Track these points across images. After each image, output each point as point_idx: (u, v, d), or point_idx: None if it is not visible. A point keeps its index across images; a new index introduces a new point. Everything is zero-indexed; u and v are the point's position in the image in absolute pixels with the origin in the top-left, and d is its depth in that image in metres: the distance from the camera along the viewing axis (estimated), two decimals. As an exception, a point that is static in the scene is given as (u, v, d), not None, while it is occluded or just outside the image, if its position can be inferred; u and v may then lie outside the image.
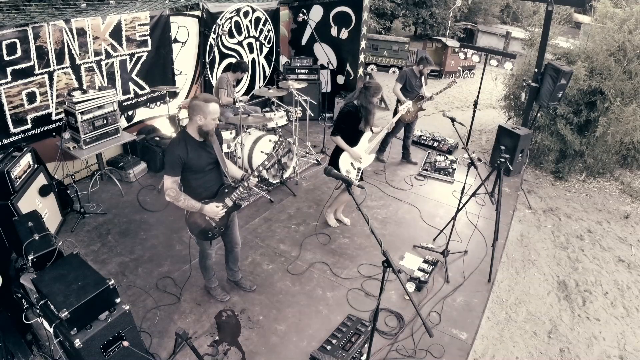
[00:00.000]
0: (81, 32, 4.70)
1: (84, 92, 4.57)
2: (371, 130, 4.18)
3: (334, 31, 7.64)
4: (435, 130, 7.37)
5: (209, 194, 3.08)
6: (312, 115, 6.94)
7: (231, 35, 6.75)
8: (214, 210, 3.01)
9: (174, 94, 5.98)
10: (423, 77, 5.79)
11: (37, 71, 4.42)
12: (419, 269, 3.98)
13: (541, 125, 6.36)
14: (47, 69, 4.52)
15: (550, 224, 5.26)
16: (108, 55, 5.08)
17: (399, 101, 5.81)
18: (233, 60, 6.80)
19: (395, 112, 5.96)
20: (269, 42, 7.58)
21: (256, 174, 3.09)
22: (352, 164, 4.17)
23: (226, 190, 3.13)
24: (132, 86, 5.53)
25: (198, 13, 6.09)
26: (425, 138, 7.08)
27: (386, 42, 12.69)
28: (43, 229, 3.06)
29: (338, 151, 4.15)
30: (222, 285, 3.69)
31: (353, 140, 4.11)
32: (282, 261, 4.13)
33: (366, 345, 2.73)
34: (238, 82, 6.56)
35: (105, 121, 4.75)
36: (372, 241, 4.43)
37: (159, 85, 5.54)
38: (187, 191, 2.97)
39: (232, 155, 5.30)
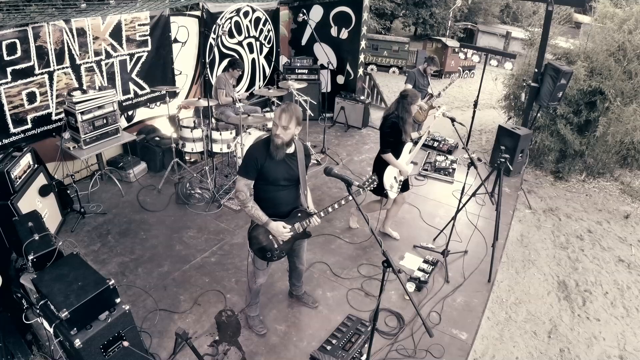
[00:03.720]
0: (81, 32, 4.70)
1: (84, 92, 4.57)
2: (410, 139, 4.01)
3: (334, 31, 7.64)
4: (435, 130, 7.36)
5: (276, 212, 2.82)
6: (312, 115, 6.94)
7: (231, 35, 6.75)
8: (280, 230, 2.78)
9: (174, 94, 5.98)
10: (428, 77, 5.85)
11: (37, 71, 4.42)
12: (419, 269, 3.98)
13: (541, 125, 6.36)
14: (47, 69, 4.51)
15: (550, 224, 5.26)
16: (108, 55, 5.08)
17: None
18: (233, 60, 6.81)
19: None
20: (269, 42, 7.58)
21: (330, 210, 2.87)
22: (395, 177, 4.03)
23: (299, 214, 2.88)
24: (132, 86, 5.53)
25: (198, 13, 6.09)
26: (425, 138, 7.07)
27: (386, 42, 12.71)
28: (43, 229, 3.06)
29: (381, 166, 3.96)
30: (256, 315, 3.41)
31: (397, 153, 3.94)
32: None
33: (366, 345, 2.72)
34: (238, 81, 6.56)
35: (105, 121, 4.75)
36: (372, 241, 4.43)
37: (159, 85, 5.54)
38: (255, 202, 2.76)
39: (232, 155, 5.30)
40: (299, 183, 2.87)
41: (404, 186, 4.20)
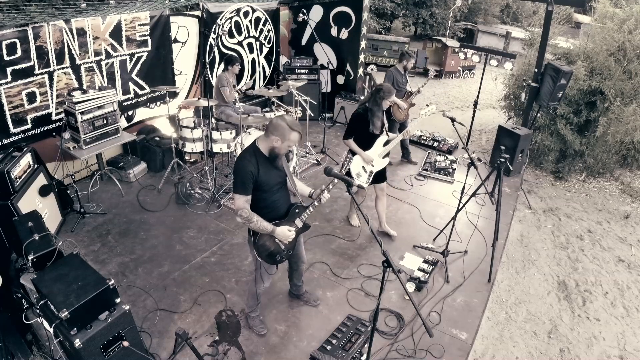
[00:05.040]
0: (81, 32, 4.70)
1: (84, 92, 4.57)
2: (387, 134, 4.12)
3: (334, 31, 7.64)
4: (435, 130, 7.36)
5: (276, 215, 2.88)
6: (312, 115, 6.94)
7: (231, 35, 6.75)
8: (286, 234, 2.85)
9: (174, 94, 5.98)
10: (407, 74, 5.83)
11: (37, 71, 4.42)
12: (419, 269, 3.98)
13: (541, 125, 6.36)
14: (47, 69, 4.51)
15: (550, 224, 5.26)
16: (108, 55, 5.08)
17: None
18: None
19: (389, 114, 5.93)
20: (269, 42, 7.58)
21: (331, 187, 2.89)
22: (363, 167, 4.14)
23: (297, 210, 2.95)
24: (132, 86, 5.53)
25: (198, 13, 6.09)
26: (425, 138, 7.08)
27: (386, 42, 12.71)
28: (43, 229, 3.06)
29: (351, 154, 4.10)
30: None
31: (367, 144, 4.07)
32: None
33: (366, 345, 2.72)
34: (239, 78, 6.56)
35: (105, 121, 4.75)
36: (372, 241, 4.43)
37: (159, 85, 5.54)
38: (254, 212, 2.77)
39: (232, 155, 5.30)
40: (286, 181, 2.94)
41: (379, 178, 4.25)
